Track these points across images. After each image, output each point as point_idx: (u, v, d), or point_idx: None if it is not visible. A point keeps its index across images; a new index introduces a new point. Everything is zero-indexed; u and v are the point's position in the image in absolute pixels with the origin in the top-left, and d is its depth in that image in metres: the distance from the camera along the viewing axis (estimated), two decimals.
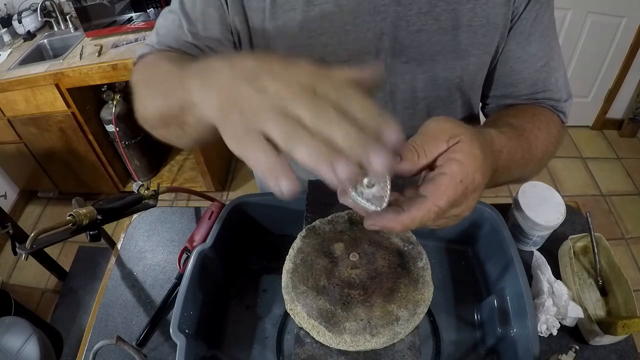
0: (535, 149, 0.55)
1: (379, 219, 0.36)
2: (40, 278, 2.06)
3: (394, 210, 0.36)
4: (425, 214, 0.35)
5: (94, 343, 0.58)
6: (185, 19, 0.60)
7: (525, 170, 0.56)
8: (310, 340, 0.48)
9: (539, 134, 0.57)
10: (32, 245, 0.57)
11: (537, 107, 0.64)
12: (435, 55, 0.59)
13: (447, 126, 0.37)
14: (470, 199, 0.38)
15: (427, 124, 0.38)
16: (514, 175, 0.54)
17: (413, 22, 0.56)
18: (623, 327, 0.55)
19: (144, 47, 0.62)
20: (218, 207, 0.74)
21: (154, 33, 0.63)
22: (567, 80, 0.65)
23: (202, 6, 0.59)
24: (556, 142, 0.61)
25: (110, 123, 2.00)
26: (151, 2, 1.80)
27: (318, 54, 0.60)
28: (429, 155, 0.37)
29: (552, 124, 0.61)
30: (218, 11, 0.59)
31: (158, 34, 0.62)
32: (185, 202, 2.27)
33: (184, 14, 0.60)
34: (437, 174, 0.36)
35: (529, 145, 0.54)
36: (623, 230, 2.05)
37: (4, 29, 2.08)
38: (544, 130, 0.58)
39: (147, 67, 0.54)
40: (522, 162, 0.52)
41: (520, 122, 0.57)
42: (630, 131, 2.49)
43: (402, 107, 0.66)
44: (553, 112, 0.64)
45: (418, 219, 0.35)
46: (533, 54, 0.60)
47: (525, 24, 0.58)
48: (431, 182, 0.36)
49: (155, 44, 0.61)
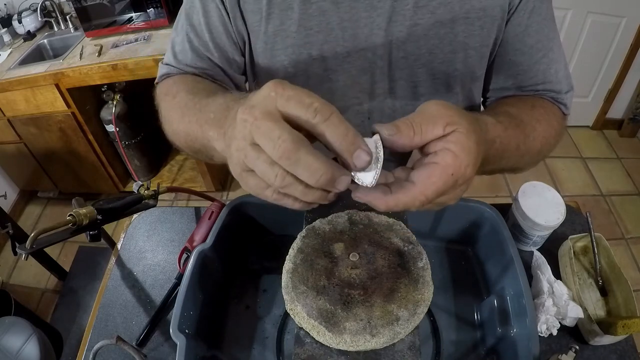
0: (533, 140, 0.55)
1: (367, 194, 0.36)
2: (40, 278, 2.06)
3: (383, 190, 0.37)
4: (411, 200, 0.36)
5: (94, 343, 0.58)
6: (194, 34, 0.63)
7: (521, 160, 0.56)
8: (310, 340, 0.48)
9: (537, 125, 0.57)
10: (32, 245, 0.57)
11: (537, 98, 0.64)
12: (433, 48, 0.59)
13: (446, 112, 0.37)
14: (458, 190, 0.38)
15: (428, 105, 0.38)
16: (505, 164, 0.54)
17: (409, 17, 0.56)
18: (623, 327, 0.55)
19: (164, 67, 0.67)
20: (218, 207, 0.74)
21: (170, 51, 0.67)
22: (568, 72, 0.65)
23: (206, 18, 0.61)
24: (556, 134, 0.61)
25: (110, 123, 2.00)
26: (151, 2, 1.80)
27: (316, 51, 0.60)
28: (424, 136, 0.36)
29: (552, 115, 0.61)
30: (220, 20, 0.61)
31: (174, 52, 0.66)
32: (185, 202, 2.27)
33: (192, 29, 0.63)
34: (430, 162, 0.36)
35: (525, 136, 0.54)
36: (623, 230, 2.05)
37: (4, 29, 2.08)
38: (543, 122, 0.58)
39: (168, 97, 0.59)
40: (516, 152, 0.52)
41: (518, 112, 0.57)
42: (630, 131, 2.49)
43: (402, 103, 0.67)
44: (554, 104, 0.64)
45: (402, 203, 0.36)
46: (531, 45, 0.60)
47: (523, 15, 0.58)
48: (423, 169, 0.36)
49: (173, 63, 0.65)
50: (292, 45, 0.60)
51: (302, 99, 0.33)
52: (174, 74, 0.65)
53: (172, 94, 0.58)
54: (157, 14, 1.83)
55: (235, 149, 0.35)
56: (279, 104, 0.33)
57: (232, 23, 0.61)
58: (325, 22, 0.58)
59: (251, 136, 0.33)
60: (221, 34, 0.62)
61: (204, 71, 0.64)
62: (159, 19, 1.84)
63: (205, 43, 0.63)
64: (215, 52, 0.63)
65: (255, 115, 0.33)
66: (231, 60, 0.65)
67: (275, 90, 0.33)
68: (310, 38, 0.59)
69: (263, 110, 0.33)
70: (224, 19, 0.61)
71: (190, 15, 0.63)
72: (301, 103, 0.32)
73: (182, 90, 0.57)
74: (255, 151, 0.33)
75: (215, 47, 0.63)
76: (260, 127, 0.32)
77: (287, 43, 0.60)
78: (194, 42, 0.63)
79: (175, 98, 0.57)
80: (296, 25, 0.58)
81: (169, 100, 0.58)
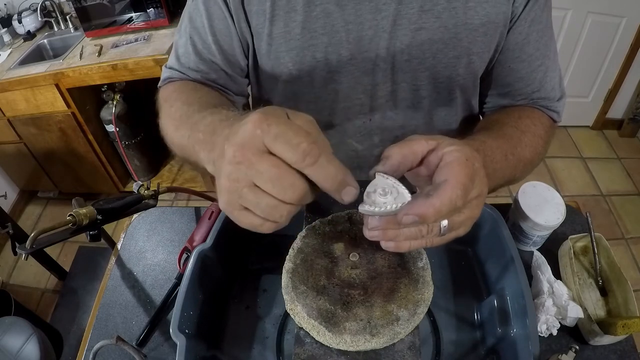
0: (522, 149, 0.56)
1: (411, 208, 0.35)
2: (40, 278, 2.06)
3: (424, 195, 0.35)
4: (453, 193, 0.34)
5: (94, 343, 0.58)
6: (197, 37, 0.63)
7: (516, 170, 0.56)
8: (310, 340, 0.48)
9: (523, 136, 0.58)
10: (32, 245, 0.57)
11: (525, 108, 0.65)
12: (437, 53, 0.59)
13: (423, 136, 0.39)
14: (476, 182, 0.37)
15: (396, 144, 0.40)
16: (500, 175, 0.54)
17: (414, 20, 0.56)
18: (623, 327, 0.55)
19: (167, 70, 0.67)
20: (218, 207, 0.74)
21: (174, 54, 0.67)
22: (562, 79, 0.66)
23: (209, 21, 0.61)
24: (544, 142, 0.61)
25: (110, 123, 2.00)
26: (151, 2, 1.80)
27: (320, 53, 0.60)
28: (410, 146, 0.38)
29: (539, 124, 0.62)
30: (224, 23, 0.61)
31: (177, 55, 0.66)
32: (185, 202, 2.27)
33: (195, 32, 0.63)
34: (441, 166, 0.37)
35: (511, 146, 0.55)
36: (623, 230, 2.05)
37: (4, 29, 2.08)
38: (528, 133, 0.59)
39: (166, 104, 0.59)
40: (506, 162, 0.53)
41: (501, 125, 0.58)
42: (630, 131, 2.49)
43: (404, 106, 0.67)
44: (543, 113, 0.65)
45: (447, 199, 0.34)
46: (531, 54, 0.61)
47: (524, 24, 0.58)
48: (442, 170, 0.37)
49: (176, 67, 0.65)
50: (296, 47, 0.60)
51: (289, 139, 0.31)
52: (176, 78, 0.65)
53: (170, 103, 0.58)
54: (157, 14, 1.83)
55: (226, 190, 0.34)
56: (266, 142, 0.32)
57: (235, 25, 0.61)
58: (329, 24, 0.58)
59: (249, 179, 0.32)
60: (225, 37, 0.62)
61: (207, 75, 0.64)
62: (159, 19, 1.84)
63: (208, 46, 0.62)
64: (219, 55, 0.63)
65: (249, 159, 0.32)
66: (234, 63, 0.65)
67: (260, 128, 0.32)
68: (314, 40, 0.59)
69: (255, 152, 0.32)
70: (228, 22, 0.60)
71: (194, 18, 0.62)
72: (288, 144, 0.31)
73: (179, 100, 0.57)
74: (254, 193, 0.33)
75: (219, 50, 0.62)
76: (264, 173, 0.32)
77: (291, 45, 0.60)
78: (198, 45, 0.63)
79: (172, 107, 0.57)
80: (300, 27, 0.58)
81: (167, 109, 0.58)
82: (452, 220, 0.37)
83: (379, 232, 0.38)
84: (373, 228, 0.38)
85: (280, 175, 0.32)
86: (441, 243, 0.39)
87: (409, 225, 0.36)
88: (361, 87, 0.64)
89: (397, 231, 0.37)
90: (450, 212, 0.35)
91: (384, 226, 0.37)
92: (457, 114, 0.71)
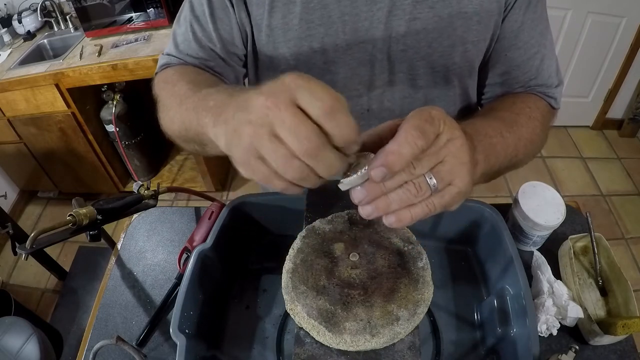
0: (518, 129, 0.55)
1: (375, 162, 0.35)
2: (40, 278, 2.06)
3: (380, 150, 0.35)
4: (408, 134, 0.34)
5: (94, 343, 0.58)
6: (198, 25, 0.63)
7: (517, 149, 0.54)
8: (310, 340, 0.48)
9: (517, 118, 0.57)
10: (32, 245, 0.57)
11: (519, 94, 0.65)
12: (432, 42, 0.60)
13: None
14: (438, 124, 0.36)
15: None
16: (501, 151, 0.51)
17: (409, 11, 0.58)
18: (623, 327, 0.55)
19: (164, 57, 0.67)
20: (218, 207, 0.74)
21: (172, 42, 0.67)
22: (559, 67, 0.67)
23: (210, 10, 0.62)
24: (541, 124, 0.60)
25: (110, 123, 2.00)
26: (151, 2, 1.80)
27: (317, 44, 0.61)
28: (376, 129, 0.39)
29: (534, 107, 0.62)
30: (225, 12, 0.62)
31: (176, 42, 0.66)
32: (185, 202, 2.27)
33: (195, 20, 0.63)
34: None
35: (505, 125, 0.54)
36: (623, 230, 2.05)
37: (4, 29, 2.08)
38: (522, 114, 0.59)
39: (168, 85, 0.59)
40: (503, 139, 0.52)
41: (495, 111, 0.59)
42: (630, 131, 2.49)
43: (401, 96, 0.67)
44: (540, 98, 0.65)
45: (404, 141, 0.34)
46: (526, 41, 0.62)
47: (519, 12, 0.59)
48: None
49: (174, 53, 0.65)
50: (294, 37, 0.61)
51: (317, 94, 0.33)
52: (174, 64, 0.65)
53: (172, 83, 0.58)
54: (157, 14, 1.83)
55: (248, 134, 0.34)
56: (297, 94, 0.33)
57: (236, 15, 0.61)
58: (326, 15, 0.59)
59: (271, 126, 0.33)
60: (225, 26, 0.62)
61: (206, 62, 0.64)
62: (159, 19, 1.84)
63: (208, 34, 0.63)
64: (218, 43, 0.63)
65: (279, 106, 0.32)
66: (233, 52, 0.66)
67: (295, 82, 0.33)
68: (311, 31, 0.60)
69: (286, 102, 0.33)
70: (229, 11, 0.61)
71: (195, 7, 0.63)
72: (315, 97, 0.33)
73: (182, 79, 0.57)
74: (273, 142, 0.33)
75: (218, 38, 0.63)
76: (286, 121, 0.32)
77: (289, 36, 0.61)
78: (198, 32, 0.63)
79: (175, 87, 0.56)
80: (298, 18, 0.59)
81: (169, 89, 0.58)
82: (437, 171, 0.36)
83: (370, 206, 0.37)
84: (360, 201, 0.37)
85: (299, 125, 0.32)
86: (445, 205, 0.37)
87: (385, 181, 0.35)
88: (358, 78, 0.65)
89: (387, 198, 0.36)
90: (415, 154, 0.34)
91: (369, 194, 0.37)
92: (455, 104, 0.72)
